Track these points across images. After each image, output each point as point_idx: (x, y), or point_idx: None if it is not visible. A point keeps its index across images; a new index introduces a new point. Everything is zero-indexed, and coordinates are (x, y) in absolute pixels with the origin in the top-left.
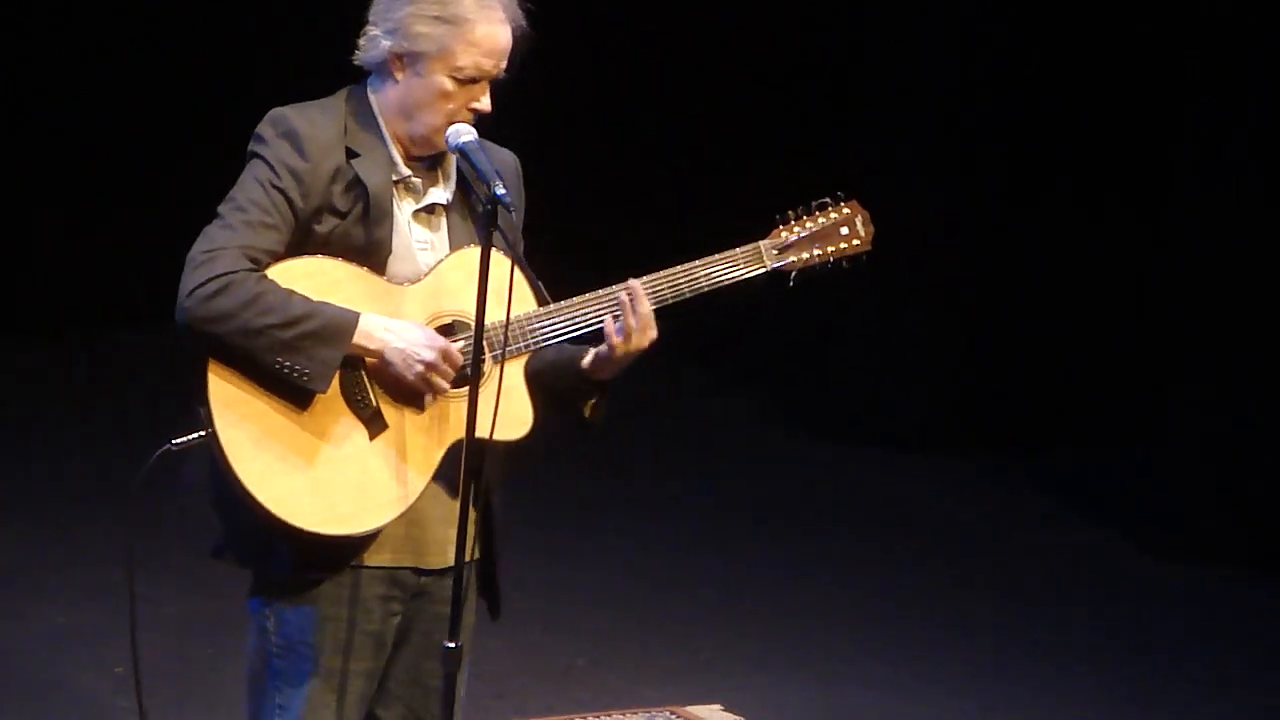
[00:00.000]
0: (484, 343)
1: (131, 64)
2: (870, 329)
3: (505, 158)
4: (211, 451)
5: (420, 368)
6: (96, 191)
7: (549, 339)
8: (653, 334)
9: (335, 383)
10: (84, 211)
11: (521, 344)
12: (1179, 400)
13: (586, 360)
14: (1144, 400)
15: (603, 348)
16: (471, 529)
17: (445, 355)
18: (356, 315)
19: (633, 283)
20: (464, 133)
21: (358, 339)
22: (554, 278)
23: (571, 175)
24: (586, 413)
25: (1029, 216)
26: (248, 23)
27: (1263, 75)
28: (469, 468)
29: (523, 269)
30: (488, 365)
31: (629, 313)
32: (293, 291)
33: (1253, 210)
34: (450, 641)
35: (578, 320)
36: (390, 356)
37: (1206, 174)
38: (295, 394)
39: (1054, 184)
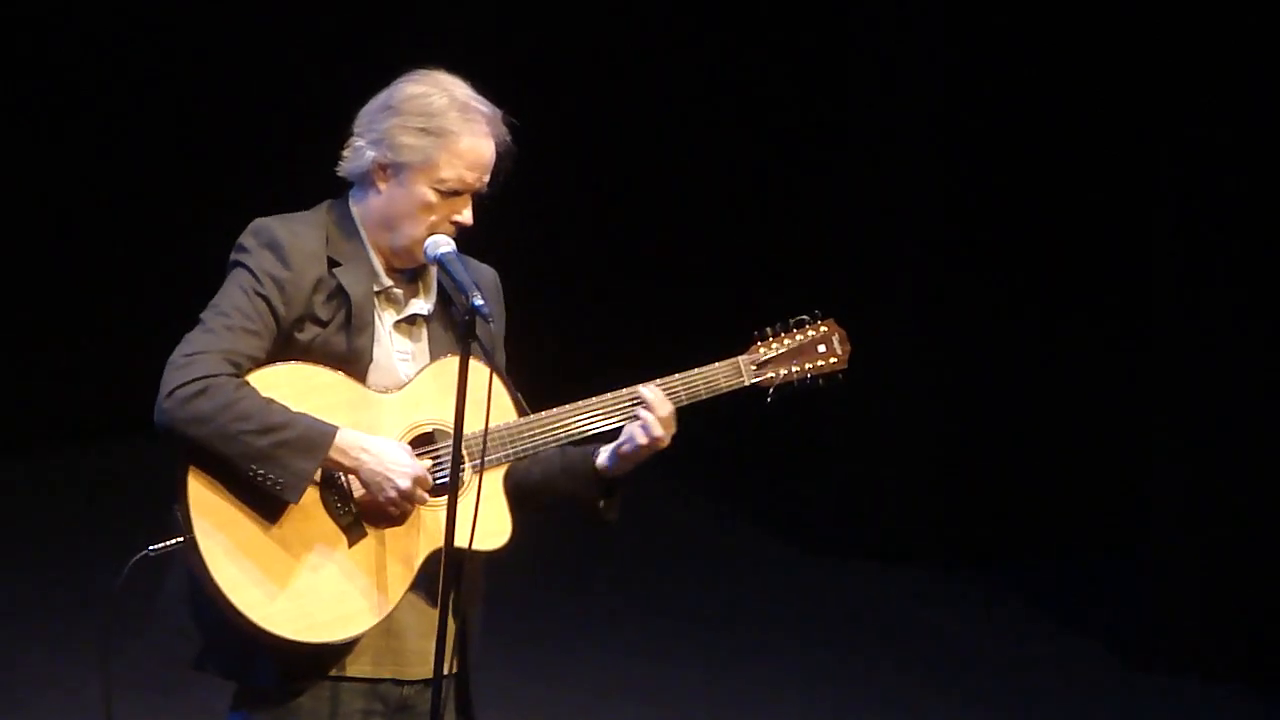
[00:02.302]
0: (464, 452)
1: (102, 175)
2: (851, 439)
3: (485, 273)
4: (189, 557)
5: (393, 493)
6: (66, 304)
7: (531, 449)
8: (673, 429)
9: (315, 491)
10: (56, 325)
11: (503, 454)
12: (1161, 510)
13: (601, 459)
14: (1125, 510)
15: (623, 446)
16: (450, 642)
17: (419, 481)
18: (334, 430)
19: (641, 389)
20: (442, 244)
21: (333, 454)
22: (531, 390)
23: (549, 290)
24: (603, 510)
25: (1007, 327)
26: (224, 135)
27: (1240, 175)
28: (447, 578)
29: (502, 379)
30: (467, 475)
31: (654, 409)
32: (272, 400)
33: (1233, 319)
34: None
35: (559, 430)
36: (364, 477)
37: (1186, 278)
38: (274, 501)
39: (1033, 294)
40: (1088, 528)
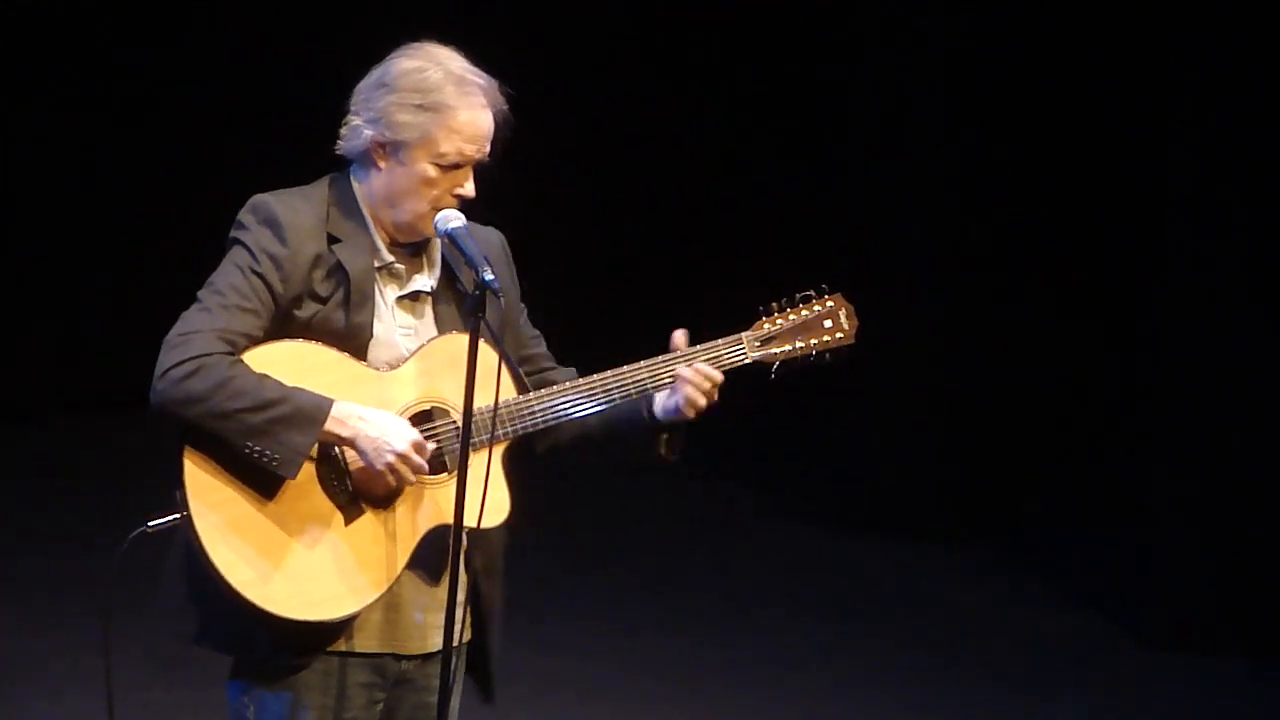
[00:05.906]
0: (458, 429)
1: (105, 151)
2: (860, 415)
3: (491, 238)
4: (187, 536)
5: (391, 458)
6: (71, 276)
7: (529, 427)
8: (718, 377)
9: (311, 468)
10: (58, 296)
11: (500, 432)
12: (1164, 484)
13: (658, 409)
14: (1129, 484)
15: (674, 405)
16: (460, 612)
17: (417, 448)
18: (330, 402)
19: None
20: (452, 219)
21: (330, 425)
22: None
23: (556, 263)
24: (663, 450)
25: (1015, 300)
26: (224, 110)
27: (1249, 166)
28: (456, 554)
29: (504, 357)
30: (452, 456)
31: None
32: (266, 376)
33: (1238, 295)
34: None
35: (561, 407)
36: (362, 445)
37: (1192, 255)
38: (269, 479)
39: (1040, 269)
40: (1099, 503)
